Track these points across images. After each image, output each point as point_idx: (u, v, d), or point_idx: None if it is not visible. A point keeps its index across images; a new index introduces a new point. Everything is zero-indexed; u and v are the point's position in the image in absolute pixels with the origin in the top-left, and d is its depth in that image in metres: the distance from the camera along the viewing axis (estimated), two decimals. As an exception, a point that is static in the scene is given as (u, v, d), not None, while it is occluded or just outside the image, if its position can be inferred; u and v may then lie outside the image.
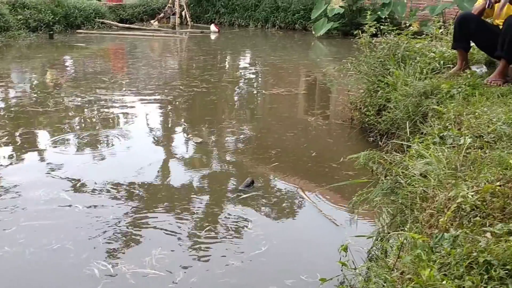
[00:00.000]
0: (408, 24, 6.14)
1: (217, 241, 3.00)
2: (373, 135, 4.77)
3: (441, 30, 5.61)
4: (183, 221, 3.23)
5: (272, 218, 3.39)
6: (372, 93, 4.92)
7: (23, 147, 4.56)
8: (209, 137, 5.08)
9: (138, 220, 3.22)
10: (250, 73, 8.93)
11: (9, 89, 6.95)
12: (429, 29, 5.96)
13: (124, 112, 5.85)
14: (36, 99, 6.31)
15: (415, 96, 4.00)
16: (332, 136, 5.26)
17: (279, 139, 5.05)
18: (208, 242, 2.98)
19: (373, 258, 2.43)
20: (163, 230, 3.10)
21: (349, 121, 5.44)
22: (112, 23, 14.22)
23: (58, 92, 6.74)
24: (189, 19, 14.96)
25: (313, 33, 12.73)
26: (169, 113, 6.04)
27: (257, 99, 6.88)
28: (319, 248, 3.00)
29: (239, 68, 9.57)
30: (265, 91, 7.22)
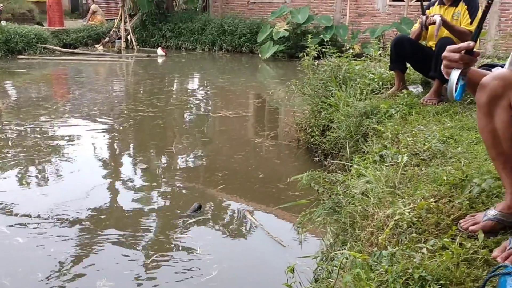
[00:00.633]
0: (348, 46, 6.34)
1: (166, 268, 2.94)
2: (318, 155, 4.86)
3: (379, 52, 5.83)
4: (129, 249, 3.15)
5: (221, 241, 3.37)
6: (316, 114, 5.03)
7: (-43, 179, 4.34)
8: (156, 162, 5.02)
9: (82, 250, 3.12)
10: (198, 96, 8.92)
11: None
12: (369, 51, 6.19)
13: (66, 139, 5.69)
14: (-28, 128, 6.04)
15: (356, 116, 4.12)
16: (279, 157, 5.32)
17: (227, 161, 5.05)
18: (156, 269, 2.92)
19: (319, 278, 2.46)
20: (108, 259, 3.02)
21: (295, 141, 5.53)
22: (55, 48, 13.89)
23: (-4, 120, 6.49)
24: (135, 43, 14.83)
25: (260, 55, 12.93)
26: (114, 139, 5.92)
27: (204, 122, 6.87)
28: (268, 270, 3.00)
29: (187, 91, 9.55)
30: (213, 114, 7.23)
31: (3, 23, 13.79)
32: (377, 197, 2.41)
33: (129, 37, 14.96)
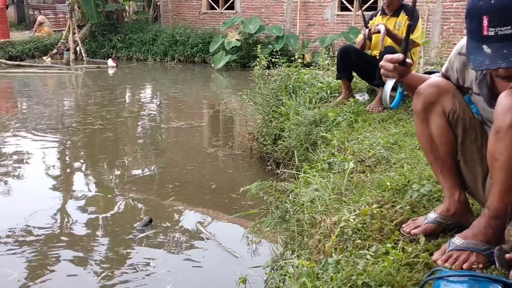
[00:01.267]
0: (297, 56, 6.44)
1: (119, 286, 2.87)
2: (270, 164, 4.89)
3: (327, 61, 5.96)
4: (79, 267, 3.07)
5: (173, 255, 3.32)
6: (267, 123, 5.07)
7: None
8: (106, 176, 4.91)
9: (30, 272, 3.00)
10: (149, 107, 8.82)
11: None
12: (319, 60, 6.32)
13: (12, 155, 5.48)
14: None
15: (305, 124, 4.18)
16: (232, 166, 5.32)
17: (179, 172, 5.01)
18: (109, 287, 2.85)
19: (270, 288, 2.47)
20: (59, 279, 2.92)
21: (248, 151, 5.54)
22: (0, 60, 13.41)
23: None
24: (84, 55, 14.50)
25: (213, 65, 12.93)
26: (63, 154, 5.75)
27: (157, 134, 6.79)
28: (221, 280, 3.00)
29: (138, 102, 9.41)
30: (165, 125, 7.16)
31: None
32: (325, 204, 2.45)
33: (78, 49, 14.61)
